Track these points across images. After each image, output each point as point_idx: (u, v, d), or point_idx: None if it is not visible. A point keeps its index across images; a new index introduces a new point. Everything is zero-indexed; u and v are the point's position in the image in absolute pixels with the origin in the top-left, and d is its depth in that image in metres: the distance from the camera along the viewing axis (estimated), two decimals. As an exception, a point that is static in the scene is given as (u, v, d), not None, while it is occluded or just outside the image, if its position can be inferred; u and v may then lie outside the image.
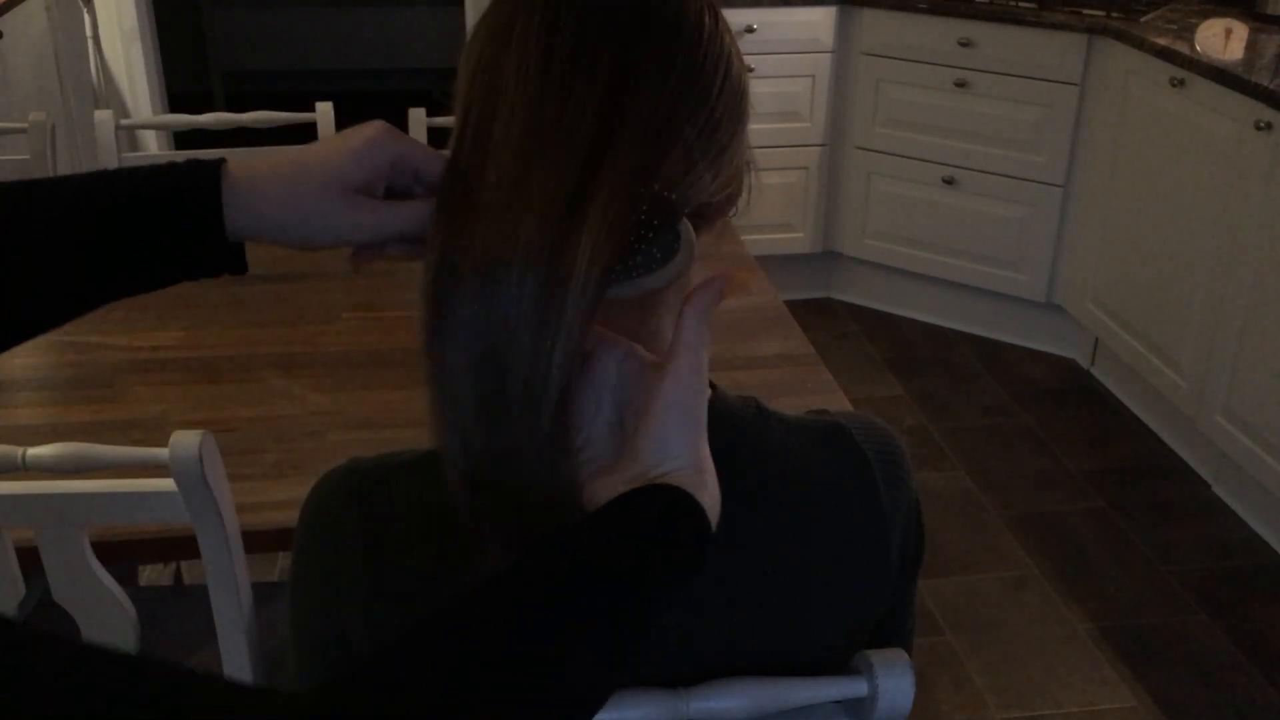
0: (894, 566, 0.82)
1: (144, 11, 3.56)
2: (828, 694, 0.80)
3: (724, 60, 0.71)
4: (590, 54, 0.67)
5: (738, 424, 0.78)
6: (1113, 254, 3.12)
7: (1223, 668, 2.31)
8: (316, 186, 0.70)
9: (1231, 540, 2.69)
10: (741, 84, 0.73)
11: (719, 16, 0.73)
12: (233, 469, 1.20)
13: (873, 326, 3.65)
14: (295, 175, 0.70)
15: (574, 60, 0.67)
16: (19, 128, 2.18)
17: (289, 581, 0.81)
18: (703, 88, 0.70)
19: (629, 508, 0.62)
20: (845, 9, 3.42)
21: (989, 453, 3.00)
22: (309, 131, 2.25)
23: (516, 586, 0.59)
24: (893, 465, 0.82)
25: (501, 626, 0.56)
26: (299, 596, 0.80)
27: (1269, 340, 2.55)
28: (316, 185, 0.70)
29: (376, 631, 0.75)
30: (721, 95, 0.71)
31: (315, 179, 0.70)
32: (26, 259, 0.68)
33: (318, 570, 0.78)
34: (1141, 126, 2.96)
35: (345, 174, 0.70)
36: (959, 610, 2.45)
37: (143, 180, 0.70)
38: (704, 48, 0.70)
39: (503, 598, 0.58)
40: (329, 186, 0.70)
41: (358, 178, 0.71)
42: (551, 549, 0.61)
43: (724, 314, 1.77)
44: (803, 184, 3.60)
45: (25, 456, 1.14)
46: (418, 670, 0.54)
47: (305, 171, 0.70)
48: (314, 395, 1.54)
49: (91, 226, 0.69)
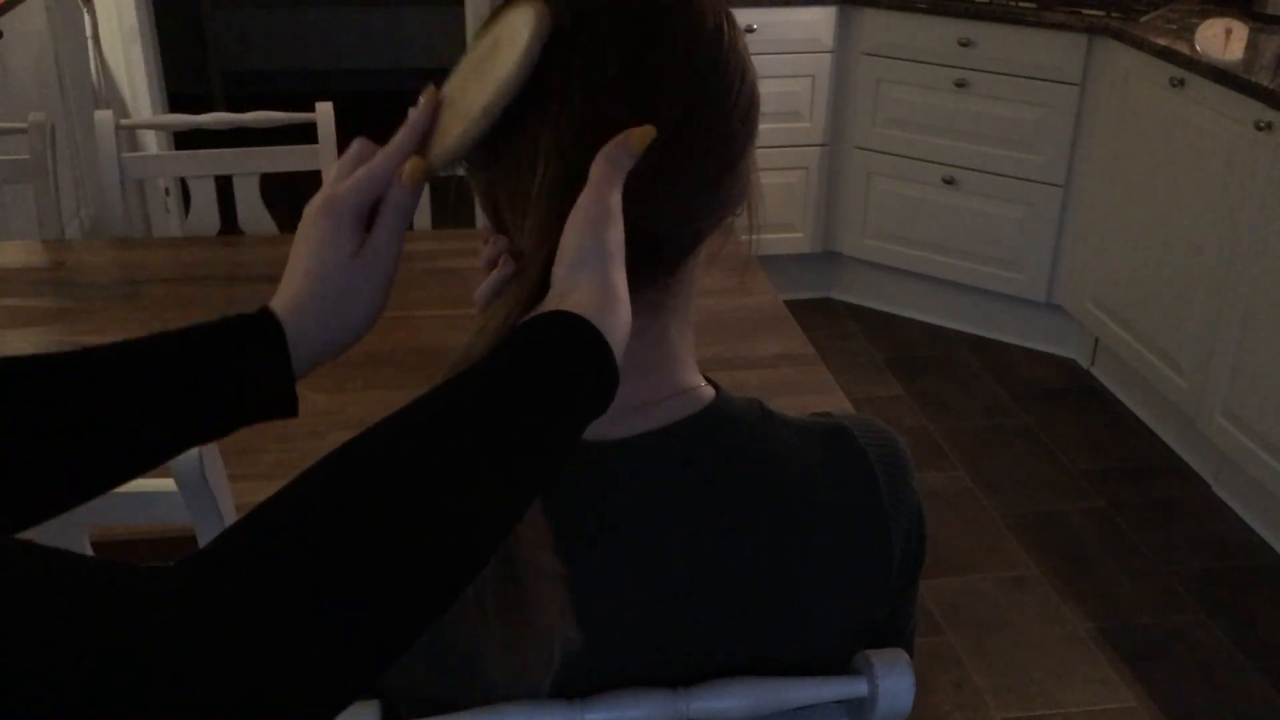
0: (896, 568, 0.82)
1: (144, 11, 3.56)
2: (828, 694, 0.80)
3: (741, 71, 0.73)
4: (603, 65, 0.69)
5: (743, 425, 0.79)
6: (1113, 254, 3.12)
7: (1223, 668, 2.31)
8: (340, 289, 0.70)
9: (1231, 540, 2.69)
10: (756, 96, 0.74)
11: (734, 23, 0.74)
12: (233, 469, 1.20)
13: (873, 326, 3.65)
14: (315, 292, 0.70)
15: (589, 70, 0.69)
16: (19, 128, 2.18)
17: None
18: (721, 100, 0.72)
19: (514, 336, 0.62)
20: (845, 9, 3.42)
21: (989, 453, 3.00)
22: (309, 131, 2.25)
23: (397, 424, 0.58)
24: (895, 467, 0.82)
25: (385, 461, 0.55)
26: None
27: (1269, 340, 2.55)
28: (339, 289, 0.70)
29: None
30: (737, 107, 0.72)
31: (336, 285, 0.70)
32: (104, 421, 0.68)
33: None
34: (1141, 126, 2.96)
35: (342, 260, 0.70)
36: (959, 610, 2.45)
37: (204, 338, 0.70)
38: (724, 58, 0.72)
39: (385, 433, 0.57)
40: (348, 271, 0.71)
41: (350, 247, 0.70)
42: (438, 390, 0.60)
43: (724, 314, 1.77)
44: (803, 184, 3.60)
45: (25, 456, 1.14)
46: (300, 509, 0.53)
47: (318, 284, 0.70)
48: (314, 395, 1.54)
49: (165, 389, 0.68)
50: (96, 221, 3.54)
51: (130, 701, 0.45)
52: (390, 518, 0.53)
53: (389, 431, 0.57)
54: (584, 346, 0.62)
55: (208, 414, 0.70)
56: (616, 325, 0.63)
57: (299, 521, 0.53)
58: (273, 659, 0.48)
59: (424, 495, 0.54)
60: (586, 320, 0.62)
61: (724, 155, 0.72)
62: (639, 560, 0.75)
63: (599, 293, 0.64)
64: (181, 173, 2.33)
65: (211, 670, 0.47)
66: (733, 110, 0.72)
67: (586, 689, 0.76)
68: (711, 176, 0.72)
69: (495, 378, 0.60)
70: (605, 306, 0.63)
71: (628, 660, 0.76)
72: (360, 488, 0.54)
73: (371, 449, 0.56)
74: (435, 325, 1.75)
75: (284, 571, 0.50)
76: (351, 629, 0.51)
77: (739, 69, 0.73)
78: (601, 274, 0.64)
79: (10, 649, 0.44)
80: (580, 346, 0.62)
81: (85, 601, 0.46)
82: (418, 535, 0.54)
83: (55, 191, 2.18)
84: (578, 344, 0.62)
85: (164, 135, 3.60)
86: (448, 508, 0.55)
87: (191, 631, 0.47)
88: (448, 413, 0.58)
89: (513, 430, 0.59)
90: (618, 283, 0.65)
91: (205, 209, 2.27)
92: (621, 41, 0.69)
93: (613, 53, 0.69)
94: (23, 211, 2.84)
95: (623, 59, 0.69)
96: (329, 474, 0.55)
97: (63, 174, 2.84)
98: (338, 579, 0.51)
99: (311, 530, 0.52)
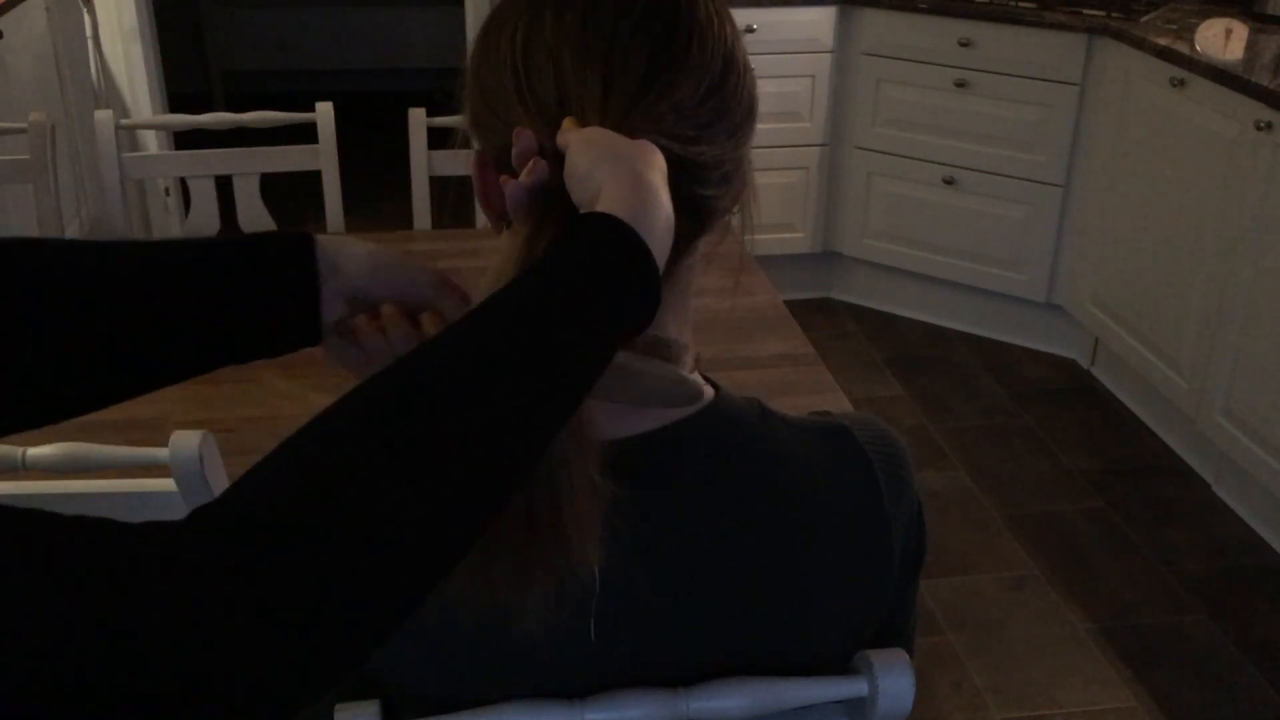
0: (896, 567, 0.82)
1: (144, 11, 3.56)
2: (828, 694, 0.80)
3: (739, 71, 0.73)
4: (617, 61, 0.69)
5: (743, 425, 0.78)
6: (1113, 254, 3.12)
7: (1223, 668, 2.31)
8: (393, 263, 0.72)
9: (1231, 540, 2.69)
10: (754, 97, 0.74)
11: (733, 22, 0.74)
12: (233, 469, 1.20)
13: (873, 326, 3.65)
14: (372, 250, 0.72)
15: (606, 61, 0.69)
16: (19, 128, 2.18)
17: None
18: (726, 99, 0.72)
19: (552, 248, 0.61)
20: (845, 9, 3.42)
21: (989, 453, 3.00)
22: (309, 132, 2.25)
23: (431, 350, 0.57)
24: (895, 466, 0.82)
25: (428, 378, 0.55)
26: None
27: (1269, 340, 2.55)
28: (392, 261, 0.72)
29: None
30: (739, 107, 0.73)
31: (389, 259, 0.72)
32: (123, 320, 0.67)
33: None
34: (1141, 126, 2.96)
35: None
36: (959, 610, 2.45)
37: (238, 249, 0.70)
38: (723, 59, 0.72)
39: (420, 358, 0.56)
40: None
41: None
42: (477, 312, 0.58)
43: (724, 314, 1.77)
44: (803, 184, 3.60)
45: (25, 456, 1.14)
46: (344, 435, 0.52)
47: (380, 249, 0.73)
48: (314, 395, 1.53)
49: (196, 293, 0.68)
50: (96, 221, 3.54)
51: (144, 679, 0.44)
52: (428, 434, 0.52)
53: (423, 357, 0.56)
54: (621, 259, 0.59)
55: (223, 331, 0.69)
56: (655, 224, 0.61)
57: (335, 452, 0.52)
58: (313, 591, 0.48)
59: (462, 414, 0.53)
60: (624, 225, 0.59)
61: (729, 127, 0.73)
62: (638, 560, 0.75)
63: (629, 189, 0.61)
64: (181, 173, 2.33)
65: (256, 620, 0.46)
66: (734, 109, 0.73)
67: (587, 688, 0.76)
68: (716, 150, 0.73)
69: (530, 299, 0.58)
70: (641, 206, 0.60)
71: (628, 659, 0.76)
72: (391, 409, 0.53)
73: (403, 377, 0.55)
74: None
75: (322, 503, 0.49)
76: (393, 547, 0.50)
77: (737, 69, 0.73)
78: (627, 168, 0.62)
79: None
80: (617, 260, 0.59)
81: (84, 570, 0.45)
82: (457, 448, 0.53)
83: (55, 191, 2.18)
84: (615, 256, 0.59)
85: (164, 135, 3.60)
86: (483, 426, 0.54)
87: (223, 589, 0.46)
88: (484, 335, 0.57)
89: (548, 352, 0.56)
90: (650, 178, 0.62)
91: (205, 209, 2.27)
92: None
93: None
94: (23, 211, 2.84)
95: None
96: (363, 399, 0.54)
97: (63, 174, 2.83)
98: (376, 499, 0.50)
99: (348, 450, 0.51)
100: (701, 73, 0.71)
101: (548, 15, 0.71)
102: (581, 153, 0.63)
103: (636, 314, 0.60)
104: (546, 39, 0.70)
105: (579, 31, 0.70)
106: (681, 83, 0.70)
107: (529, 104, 0.70)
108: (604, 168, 0.62)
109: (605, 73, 0.69)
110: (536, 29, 0.71)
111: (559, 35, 0.70)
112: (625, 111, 0.68)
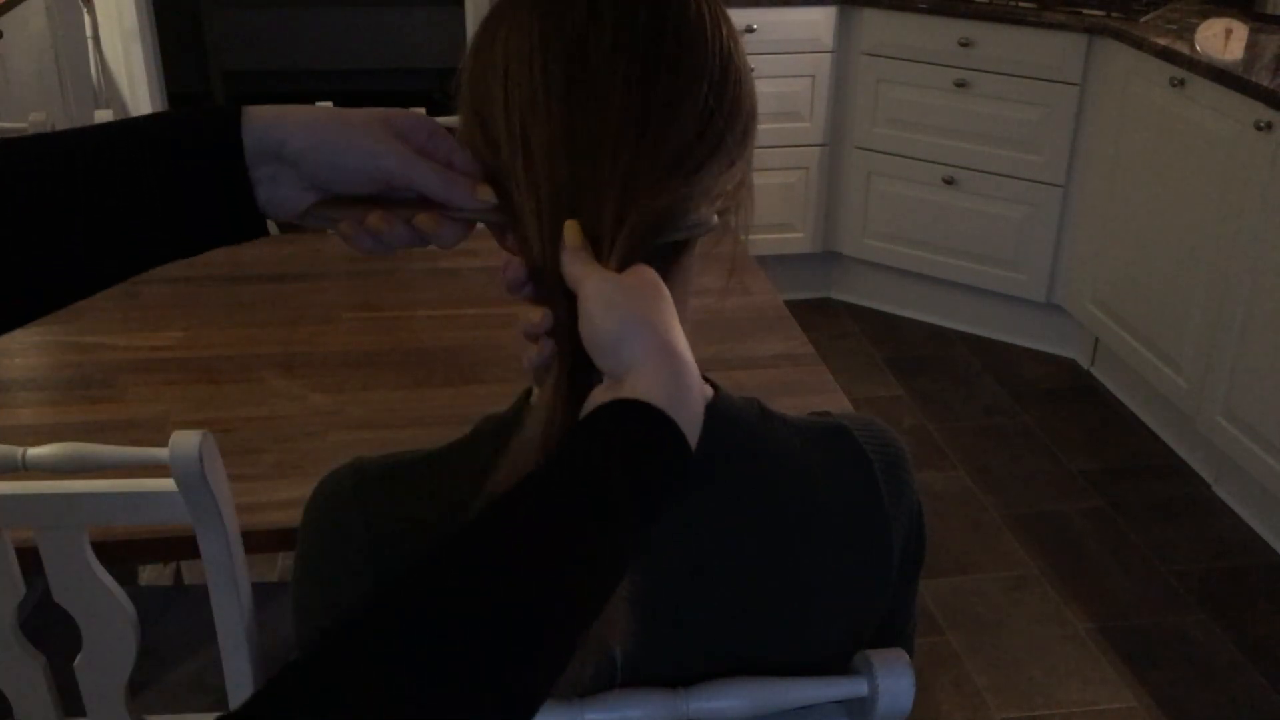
0: (895, 567, 0.82)
1: (144, 11, 3.56)
2: (828, 694, 0.80)
3: (739, 77, 0.73)
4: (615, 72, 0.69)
5: (742, 425, 0.78)
6: (1113, 254, 3.12)
7: (1223, 668, 2.31)
8: (353, 119, 0.67)
9: (1231, 540, 2.69)
10: (753, 101, 0.74)
11: (729, 21, 0.74)
12: (233, 469, 1.20)
13: (873, 326, 3.65)
14: (329, 112, 0.67)
15: (608, 70, 0.68)
16: (19, 128, 2.18)
17: (292, 582, 0.81)
18: (727, 104, 0.72)
19: (574, 434, 0.60)
20: (845, 9, 3.42)
21: (989, 453, 3.00)
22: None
23: (473, 535, 0.55)
24: (895, 467, 0.82)
25: (458, 578, 0.53)
26: (302, 597, 0.80)
27: (1269, 340, 2.55)
28: (354, 118, 0.67)
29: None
30: (740, 113, 0.73)
31: (354, 116, 0.67)
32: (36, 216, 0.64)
33: (321, 570, 0.78)
34: (1141, 126, 2.96)
35: (387, 114, 0.68)
36: (959, 610, 2.45)
37: (161, 126, 0.66)
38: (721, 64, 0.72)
39: (458, 551, 0.54)
40: (369, 119, 0.67)
41: (400, 121, 0.68)
42: (511, 497, 0.57)
43: (724, 314, 1.77)
44: (803, 184, 3.60)
45: (25, 456, 1.14)
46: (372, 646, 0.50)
47: (341, 112, 0.68)
48: (314, 395, 1.54)
49: (111, 179, 0.64)
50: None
51: None
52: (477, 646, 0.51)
53: (463, 553, 0.54)
54: (661, 466, 0.58)
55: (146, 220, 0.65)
56: (691, 406, 0.60)
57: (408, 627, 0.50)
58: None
59: (510, 615, 0.52)
60: (665, 418, 0.59)
61: (721, 162, 0.72)
62: (638, 560, 0.75)
63: (666, 371, 0.60)
64: (181, 173, 2.32)
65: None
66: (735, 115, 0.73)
67: (586, 688, 0.76)
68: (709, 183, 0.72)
69: (572, 515, 0.56)
70: (678, 393, 0.60)
71: (628, 660, 0.76)
72: (440, 617, 0.51)
73: (445, 576, 0.53)
74: (435, 325, 1.75)
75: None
76: None
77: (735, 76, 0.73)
78: (658, 343, 0.61)
79: None
80: (657, 466, 0.58)
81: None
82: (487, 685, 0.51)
83: (55, 191, 2.18)
84: (656, 463, 0.58)
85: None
86: (518, 642, 0.52)
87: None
88: (523, 528, 0.55)
89: (586, 565, 0.56)
90: (679, 349, 0.61)
91: (205, 209, 2.26)
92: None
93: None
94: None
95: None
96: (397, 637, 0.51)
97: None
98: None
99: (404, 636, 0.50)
100: (699, 110, 0.70)
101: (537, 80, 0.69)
102: (602, 315, 0.62)
103: (670, 504, 0.60)
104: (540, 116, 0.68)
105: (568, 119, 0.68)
106: (672, 132, 0.69)
107: (529, 190, 0.68)
108: (634, 344, 0.60)
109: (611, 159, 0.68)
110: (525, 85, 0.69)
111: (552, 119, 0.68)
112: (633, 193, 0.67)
